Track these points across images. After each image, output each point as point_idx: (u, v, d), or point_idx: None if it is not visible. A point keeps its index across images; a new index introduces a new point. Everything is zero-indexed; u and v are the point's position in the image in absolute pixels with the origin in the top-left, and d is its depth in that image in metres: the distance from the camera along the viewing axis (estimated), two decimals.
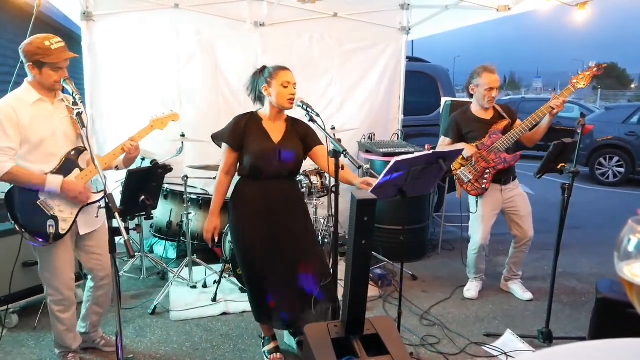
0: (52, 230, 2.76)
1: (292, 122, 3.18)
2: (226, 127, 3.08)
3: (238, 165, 3.13)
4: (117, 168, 3.10)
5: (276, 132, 3.07)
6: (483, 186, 4.00)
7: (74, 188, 2.79)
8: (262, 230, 3.03)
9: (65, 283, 2.93)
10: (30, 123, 2.69)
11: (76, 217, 2.88)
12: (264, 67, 3.07)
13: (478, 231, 4.11)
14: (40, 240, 2.79)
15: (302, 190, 4.16)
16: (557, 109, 3.67)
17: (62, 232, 2.82)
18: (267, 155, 2.99)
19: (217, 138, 3.14)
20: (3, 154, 2.61)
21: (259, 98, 3.10)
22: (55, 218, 2.79)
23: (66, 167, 2.83)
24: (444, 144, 4.11)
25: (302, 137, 3.14)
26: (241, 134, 3.00)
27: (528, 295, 4.25)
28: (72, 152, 2.85)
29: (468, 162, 4.03)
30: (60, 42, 2.73)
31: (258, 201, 3.02)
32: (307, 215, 3.28)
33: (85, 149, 2.86)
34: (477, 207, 4.09)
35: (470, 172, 4.04)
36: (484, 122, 4.02)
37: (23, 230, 2.78)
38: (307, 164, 3.54)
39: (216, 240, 3.13)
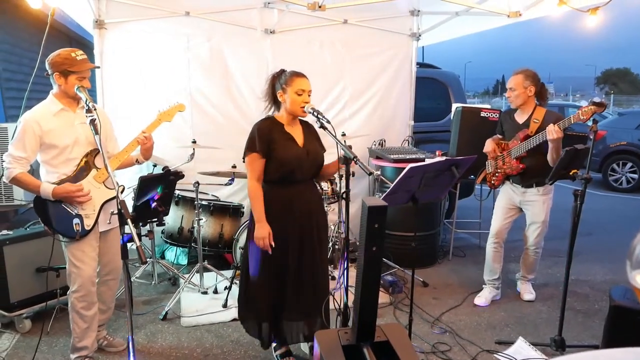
0: (78, 227, 2.99)
1: (306, 125, 3.17)
2: (250, 137, 3.00)
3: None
4: (137, 162, 3.32)
5: (298, 135, 3.06)
6: (492, 182, 4.26)
7: (64, 190, 2.94)
8: (286, 235, 3.00)
9: (89, 278, 3.09)
10: (54, 132, 2.94)
11: (99, 213, 3.08)
12: (282, 72, 3.05)
13: (493, 222, 4.28)
14: (69, 237, 3.01)
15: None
16: (549, 135, 3.64)
17: (87, 227, 3.03)
18: (298, 160, 2.96)
19: (245, 151, 3.04)
20: (15, 162, 2.88)
21: (275, 102, 3.09)
22: (79, 216, 3.01)
23: (83, 168, 3.04)
24: (491, 138, 4.29)
25: (318, 139, 3.16)
26: (268, 140, 2.94)
27: (529, 296, 4.36)
28: (88, 155, 3.05)
29: (500, 156, 4.18)
30: (83, 55, 2.99)
31: (286, 206, 2.99)
32: (326, 220, 3.29)
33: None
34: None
35: (492, 165, 4.28)
36: (515, 124, 4.08)
37: (53, 230, 3.00)
38: None
39: (273, 245, 2.97)
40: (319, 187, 4.22)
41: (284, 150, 2.95)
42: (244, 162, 3.05)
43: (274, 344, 3.37)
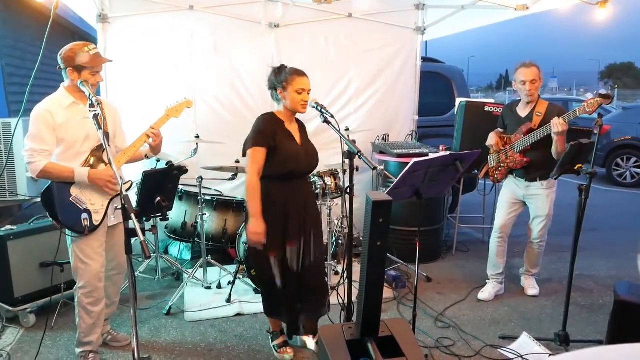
0: (86, 222, 2.98)
1: (300, 124, 3.26)
2: (255, 130, 3.03)
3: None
4: (146, 157, 3.32)
5: (296, 133, 3.12)
6: (496, 176, 4.24)
7: (100, 176, 2.96)
8: (287, 229, 3.05)
9: (96, 274, 3.07)
10: (65, 125, 2.93)
11: (107, 209, 3.06)
12: (282, 68, 3.07)
13: (497, 216, 4.28)
14: (77, 233, 2.99)
15: (317, 191, 4.16)
16: (555, 129, 3.62)
17: (95, 223, 3.01)
18: (298, 157, 3.03)
19: (247, 143, 3.06)
20: (38, 154, 2.86)
21: (276, 98, 3.12)
22: (88, 211, 2.99)
23: (91, 163, 3.02)
24: (493, 131, 4.28)
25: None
26: (272, 134, 2.99)
27: (532, 292, 4.35)
28: (95, 150, 3.03)
29: (503, 150, 4.15)
30: (96, 49, 2.98)
31: (286, 201, 3.03)
32: (319, 214, 3.35)
33: (109, 145, 2.95)
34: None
35: (494, 160, 4.24)
36: (517, 118, 4.07)
37: (61, 225, 2.97)
38: (321, 166, 3.54)
39: (264, 242, 3.00)
40: (322, 183, 4.24)
41: (287, 147, 3.00)
42: (244, 155, 3.07)
43: (270, 335, 3.42)
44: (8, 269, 3.60)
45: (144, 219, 3.67)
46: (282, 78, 3.01)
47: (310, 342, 3.38)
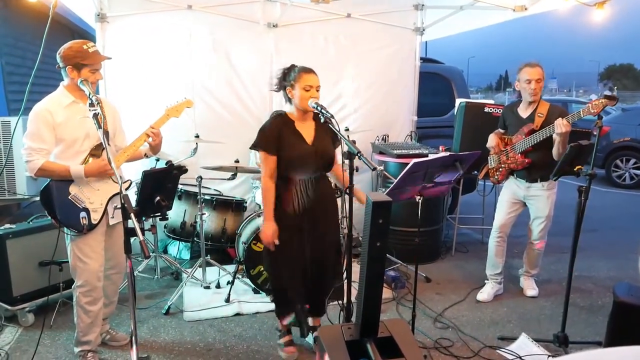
0: (85, 221, 2.97)
1: (320, 120, 3.20)
2: (261, 135, 3.05)
3: None
4: (146, 156, 3.31)
5: (308, 132, 3.10)
6: (496, 177, 4.24)
7: (95, 167, 2.95)
8: (298, 228, 3.08)
9: (95, 273, 3.07)
10: (65, 124, 2.92)
11: (106, 207, 3.05)
12: (292, 67, 3.08)
13: (496, 215, 4.28)
14: (76, 231, 2.99)
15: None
16: (558, 129, 3.62)
17: (94, 221, 3.01)
18: (305, 159, 3.02)
19: (255, 145, 3.09)
20: (36, 153, 2.85)
21: (287, 98, 3.11)
22: (86, 210, 2.99)
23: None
24: (494, 132, 4.28)
25: (331, 135, 3.16)
26: (276, 137, 3.00)
27: (532, 292, 4.34)
28: (94, 149, 3.02)
29: (504, 151, 4.14)
30: (95, 47, 2.99)
31: (296, 201, 3.03)
32: (337, 212, 3.36)
33: (108, 144, 2.94)
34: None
35: (495, 160, 4.24)
36: (518, 119, 4.06)
37: (60, 223, 2.98)
38: None
39: (277, 243, 3.06)
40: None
41: (290, 150, 3.01)
42: (252, 149, 3.11)
43: (279, 333, 3.42)
44: (7, 268, 3.60)
45: (143, 218, 3.67)
46: (290, 77, 3.01)
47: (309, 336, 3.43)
